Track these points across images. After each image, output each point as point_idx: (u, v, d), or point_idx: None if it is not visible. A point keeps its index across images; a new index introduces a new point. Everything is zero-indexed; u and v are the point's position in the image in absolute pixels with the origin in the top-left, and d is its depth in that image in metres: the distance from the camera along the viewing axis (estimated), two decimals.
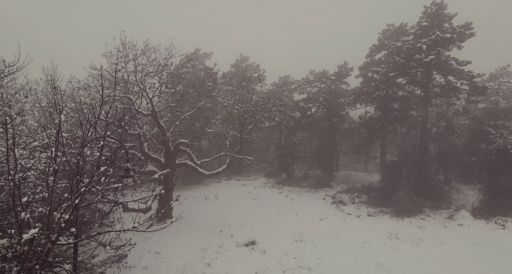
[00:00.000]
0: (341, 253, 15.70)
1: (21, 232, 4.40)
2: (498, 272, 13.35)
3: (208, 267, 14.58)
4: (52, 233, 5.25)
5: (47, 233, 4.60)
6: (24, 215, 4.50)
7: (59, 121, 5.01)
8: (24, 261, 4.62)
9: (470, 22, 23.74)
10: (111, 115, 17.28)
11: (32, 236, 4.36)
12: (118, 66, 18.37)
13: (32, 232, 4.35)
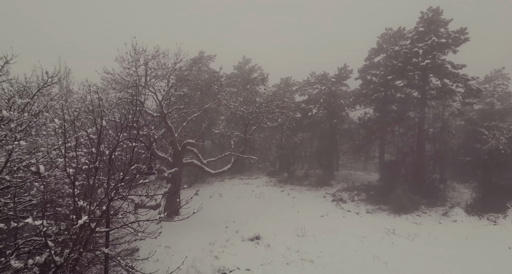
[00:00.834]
0: (341, 247, 16.50)
1: (78, 218, 5.21)
2: (488, 264, 14.13)
3: (216, 259, 15.41)
4: (101, 219, 6.10)
5: (97, 218, 5.41)
6: (81, 203, 5.31)
7: (101, 125, 5.82)
8: (75, 244, 5.43)
9: (465, 27, 24.56)
10: (122, 117, 18.14)
11: (83, 222, 5.17)
12: (130, 70, 19.22)
13: (84, 218, 5.17)
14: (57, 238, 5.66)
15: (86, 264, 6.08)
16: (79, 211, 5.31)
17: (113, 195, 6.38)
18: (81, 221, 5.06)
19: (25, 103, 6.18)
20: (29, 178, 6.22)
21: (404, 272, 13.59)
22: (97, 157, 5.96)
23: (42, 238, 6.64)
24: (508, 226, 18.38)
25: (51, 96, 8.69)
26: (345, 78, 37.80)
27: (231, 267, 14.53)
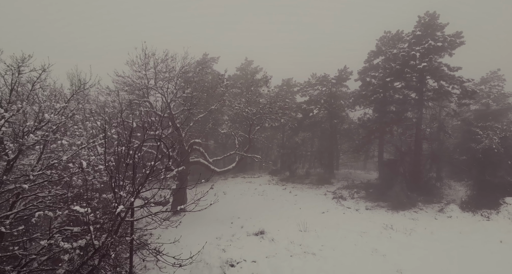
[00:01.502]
0: (341, 241, 17.26)
1: (116, 207, 5.97)
2: (480, 257, 14.87)
3: (223, 252, 16.19)
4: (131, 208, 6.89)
5: (131, 207, 6.19)
6: (121, 193, 6.07)
7: (131, 126, 6.58)
8: (111, 230, 6.20)
9: (460, 31, 25.33)
10: (135, 117, 18.91)
11: (120, 210, 5.94)
12: (140, 73, 20.00)
13: (121, 207, 5.94)
14: (95, 224, 6.44)
15: (117, 248, 6.86)
16: (119, 200, 6.08)
17: (140, 188, 7.16)
18: (119, 209, 5.84)
19: (62, 107, 6.95)
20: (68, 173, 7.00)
21: (401, 264, 14.32)
22: (128, 154, 6.73)
23: (73, 228, 7.46)
24: (500, 222, 19.15)
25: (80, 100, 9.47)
26: (345, 79, 38.56)
27: (238, 259, 15.31)
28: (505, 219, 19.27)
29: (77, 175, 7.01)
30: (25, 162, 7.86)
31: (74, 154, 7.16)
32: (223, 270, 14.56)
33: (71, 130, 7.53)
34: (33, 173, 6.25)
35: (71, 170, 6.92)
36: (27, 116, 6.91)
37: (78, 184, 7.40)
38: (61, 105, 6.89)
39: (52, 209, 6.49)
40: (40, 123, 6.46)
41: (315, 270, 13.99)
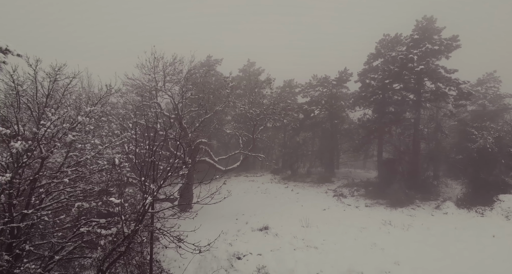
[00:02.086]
0: (342, 236, 18.00)
1: (145, 198, 6.71)
2: (473, 250, 15.60)
3: (230, 246, 16.93)
4: (158, 200, 7.64)
5: (159, 199, 6.94)
6: (152, 186, 6.81)
7: (155, 128, 7.31)
8: (138, 219, 6.95)
9: (456, 34, 26.04)
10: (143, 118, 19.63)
11: (149, 201, 6.70)
12: (150, 76, 20.76)
13: (150, 199, 6.67)
14: (125, 214, 7.20)
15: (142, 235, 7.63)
16: (148, 192, 6.82)
17: (162, 183, 7.92)
18: (148, 200, 6.58)
19: (91, 110, 7.68)
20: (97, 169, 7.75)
21: (399, 256, 15.05)
22: (153, 152, 7.49)
23: (99, 220, 8.22)
24: (494, 218, 19.87)
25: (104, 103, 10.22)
26: (345, 81, 39.26)
27: (244, 252, 16.06)
28: (498, 215, 19.99)
29: (105, 171, 7.75)
30: (52, 160, 8.62)
31: (98, 152, 7.90)
32: (231, 263, 15.31)
33: (98, 131, 8.26)
34: (69, 169, 6.99)
35: (98, 167, 7.66)
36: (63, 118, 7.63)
37: (103, 180, 8.14)
38: (90, 108, 7.62)
39: (87, 201, 7.22)
40: (73, 124, 7.20)
41: (318, 262, 14.74)
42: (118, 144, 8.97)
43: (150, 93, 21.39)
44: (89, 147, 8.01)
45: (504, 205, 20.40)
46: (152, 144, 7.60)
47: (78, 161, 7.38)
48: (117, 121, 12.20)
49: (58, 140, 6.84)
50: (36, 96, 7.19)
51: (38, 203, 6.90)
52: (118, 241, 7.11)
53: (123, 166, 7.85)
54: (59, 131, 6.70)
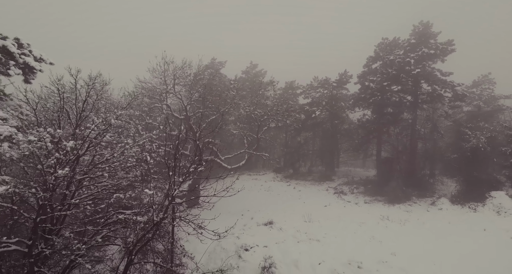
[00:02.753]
0: (342, 230, 18.97)
1: (173, 190, 7.66)
2: (465, 242, 16.55)
3: (237, 239, 17.89)
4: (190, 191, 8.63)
5: (186, 190, 7.86)
6: (177, 178, 7.77)
7: (180, 128, 8.27)
8: (166, 209, 7.91)
9: (451, 39, 26.98)
10: (158, 120, 20.62)
11: (176, 193, 7.66)
12: (161, 79, 21.75)
13: (177, 191, 7.63)
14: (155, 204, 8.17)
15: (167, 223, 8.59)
16: (174, 185, 7.79)
17: (185, 178, 8.90)
18: (176, 192, 7.54)
19: (121, 114, 8.63)
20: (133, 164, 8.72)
21: (395, 248, 16.00)
22: (177, 150, 8.47)
23: (124, 211, 9.20)
24: (486, 213, 20.81)
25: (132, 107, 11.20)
26: (345, 82, 40.19)
27: (251, 244, 17.03)
28: (490, 210, 20.94)
29: (135, 167, 8.71)
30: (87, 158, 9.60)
31: (131, 149, 8.88)
32: (239, 254, 16.28)
33: (126, 131, 9.22)
34: (106, 165, 7.95)
35: (130, 163, 8.62)
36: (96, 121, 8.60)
37: (131, 175, 9.11)
38: (120, 112, 8.58)
39: (122, 193, 8.18)
40: (107, 126, 8.17)
41: (320, 253, 15.71)
42: (141, 144, 9.94)
43: (160, 95, 22.34)
44: (120, 146, 8.97)
45: (495, 201, 21.36)
46: (177, 144, 8.58)
47: (108, 158, 8.33)
48: (134, 122, 13.14)
49: (97, 140, 7.79)
50: (76, 101, 8.15)
51: (78, 194, 7.86)
52: (148, 228, 8.10)
53: (149, 162, 8.80)
54: (100, 133, 7.66)
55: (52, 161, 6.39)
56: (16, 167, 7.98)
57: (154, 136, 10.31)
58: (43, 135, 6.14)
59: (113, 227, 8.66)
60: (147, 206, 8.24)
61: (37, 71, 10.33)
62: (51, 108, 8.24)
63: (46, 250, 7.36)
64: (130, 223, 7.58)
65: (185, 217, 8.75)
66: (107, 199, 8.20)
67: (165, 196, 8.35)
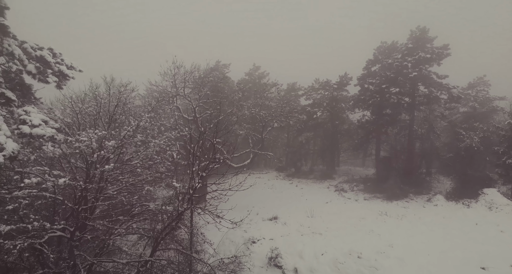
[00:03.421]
0: (343, 225, 19.96)
1: (199, 181, 8.68)
2: (457, 235, 17.53)
3: (245, 232, 18.92)
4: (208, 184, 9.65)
5: (210, 183, 8.93)
6: (203, 174, 8.78)
7: (201, 130, 9.24)
8: (190, 200, 8.92)
9: (447, 44, 27.95)
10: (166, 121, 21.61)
11: (199, 185, 8.68)
12: (171, 83, 22.78)
13: (199, 184, 8.63)
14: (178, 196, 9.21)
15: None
16: (196, 179, 8.82)
17: (203, 172, 9.91)
18: (198, 185, 8.55)
19: (150, 116, 9.64)
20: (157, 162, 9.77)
21: (393, 240, 16.98)
22: (197, 148, 9.49)
23: (149, 204, 10.23)
24: (478, 209, 21.80)
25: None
26: (346, 84, 41.11)
27: (258, 237, 18.08)
28: (482, 206, 21.93)
29: (161, 163, 9.72)
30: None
31: (154, 149, 9.91)
32: (247, 246, 17.32)
33: (151, 132, 10.24)
34: (138, 162, 8.99)
35: (157, 160, 9.65)
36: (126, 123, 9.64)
37: (157, 171, 10.16)
38: (148, 115, 9.58)
39: (152, 185, 9.19)
40: (137, 128, 9.20)
41: (322, 245, 16.71)
42: (163, 142, 10.97)
43: (170, 98, 23.35)
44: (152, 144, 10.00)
45: (487, 198, 22.36)
46: (200, 143, 9.61)
47: (140, 155, 9.37)
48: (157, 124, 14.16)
49: (129, 139, 8.80)
50: (109, 105, 9.17)
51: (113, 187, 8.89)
52: (173, 216, 9.13)
53: (175, 159, 9.82)
54: (133, 134, 8.68)
55: (96, 158, 7.40)
56: (58, 163, 8.99)
57: (172, 136, 11.33)
58: (92, 135, 7.15)
59: (142, 216, 9.68)
60: (173, 197, 9.25)
61: (70, 78, 11.36)
62: (90, 112, 9.23)
63: (87, 235, 8.40)
64: (158, 212, 8.58)
65: (204, 208, 9.75)
66: (139, 192, 9.22)
67: (188, 188, 9.37)
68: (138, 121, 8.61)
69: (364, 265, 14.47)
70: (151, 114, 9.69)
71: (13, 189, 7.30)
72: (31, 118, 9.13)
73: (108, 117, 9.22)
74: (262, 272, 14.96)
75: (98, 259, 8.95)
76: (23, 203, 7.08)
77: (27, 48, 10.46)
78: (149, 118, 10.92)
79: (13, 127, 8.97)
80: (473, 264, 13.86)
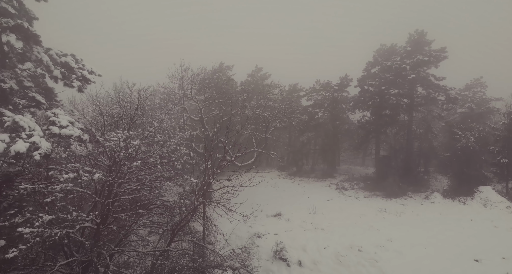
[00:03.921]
0: (344, 221, 20.70)
1: (214, 176, 9.43)
2: (453, 230, 18.25)
3: (250, 228, 19.70)
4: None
5: (223, 179, 9.63)
6: (215, 170, 9.52)
7: (214, 130, 10.04)
8: (204, 194, 9.68)
9: (444, 46, 28.70)
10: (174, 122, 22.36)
11: (213, 181, 9.44)
12: (179, 84, 23.56)
13: (214, 180, 9.38)
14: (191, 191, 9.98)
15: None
16: (211, 174, 9.58)
17: (216, 170, 10.67)
18: (213, 180, 9.31)
19: (167, 118, 10.39)
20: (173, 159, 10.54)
21: (392, 235, 17.71)
22: (211, 147, 10.25)
23: (165, 199, 10.99)
24: (474, 205, 22.53)
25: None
26: (346, 86, 41.79)
27: (263, 232, 18.87)
28: (478, 203, 22.66)
29: (177, 160, 10.47)
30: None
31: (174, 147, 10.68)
32: (253, 240, 18.07)
33: (167, 132, 11.00)
34: (159, 159, 9.75)
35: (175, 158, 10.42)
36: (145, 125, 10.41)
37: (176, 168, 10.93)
38: (163, 117, 10.34)
39: (171, 181, 9.95)
40: (158, 129, 9.95)
41: (325, 240, 17.48)
42: (177, 142, 11.73)
43: (177, 99, 24.13)
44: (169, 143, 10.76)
45: (482, 195, 23.10)
46: (212, 143, 10.37)
47: (159, 153, 10.13)
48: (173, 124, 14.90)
49: (149, 139, 9.56)
50: (130, 108, 9.92)
51: (135, 182, 9.66)
52: (190, 209, 9.90)
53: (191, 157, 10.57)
54: (153, 134, 9.45)
55: (122, 155, 8.17)
56: (84, 161, 9.76)
57: (185, 136, 12.10)
58: (120, 135, 7.89)
59: (159, 210, 10.45)
60: (189, 192, 10.01)
61: (91, 82, 12.13)
62: (114, 114, 9.98)
63: (113, 226, 9.17)
64: (176, 206, 9.35)
65: (219, 202, 10.53)
66: (158, 187, 9.98)
67: (202, 184, 10.13)
68: (160, 123, 9.37)
69: (364, 257, 15.23)
70: (167, 116, 10.42)
71: (49, 184, 8.07)
72: (59, 119, 9.92)
73: (129, 119, 9.97)
74: (268, 265, 15.70)
75: (122, 249, 9.72)
76: (59, 196, 7.84)
77: (53, 55, 11.24)
78: (167, 119, 11.70)
79: (43, 128, 9.76)
80: (467, 257, 14.59)
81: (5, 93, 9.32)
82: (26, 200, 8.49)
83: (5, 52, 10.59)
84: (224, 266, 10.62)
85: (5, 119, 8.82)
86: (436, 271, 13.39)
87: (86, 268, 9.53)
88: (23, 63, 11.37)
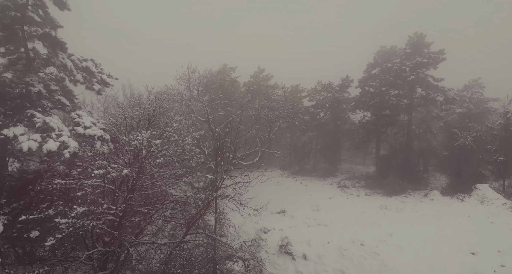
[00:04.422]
0: (346, 217, 21.35)
1: (219, 175, 10.13)
2: (451, 226, 18.88)
3: (256, 224, 20.38)
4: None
5: (234, 175, 10.35)
6: (225, 168, 10.19)
7: (222, 131, 10.72)
8: (216, 190, 10.35)
9: (443, 49, 29.34)
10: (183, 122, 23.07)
11: (226, 177, 10.10)
12: (185, 86, 24.24)
13: (226, 177, 10.04)
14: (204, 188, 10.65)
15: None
16: (222, 172, 10.27)
17: (227, 168, 11.35)
18: (225, 177, 9.98)
19: (180, 119, 11.07)
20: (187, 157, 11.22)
21: (392, 230, 18.35)
22: (222, 146, 10.93)
23: (184, 194, 11.67)
24: (471, 202, 23.19)
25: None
26: (347, 86, 42.40)
27: (269, 228, 19.55)
28: (475, 200, 23.31)
29: (192, 159, 11.17)
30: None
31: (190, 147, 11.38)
32: (259, 235, 18.74)
33: (181, 132, 11.69)
34: (176, 157, 10.44)
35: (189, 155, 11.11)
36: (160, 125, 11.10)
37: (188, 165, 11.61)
38: (179, 118, 11.01)
39: (188, 177, 10.63)
40: (176, 129, 10.64)
41: (328, 235, 18.15)
42: (190, 141, 12.42)
43: (186, 100, 24.79)
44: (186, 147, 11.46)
45: (480, 193, 23.74)
46: (222, 142, 11.04)
47: (176, 151, 10.81)
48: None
49: (167, 139, 10.25)
50: (149, 110, 10.61)
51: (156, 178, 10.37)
52: (205, 203, 10.57)
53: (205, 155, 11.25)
54: (171, 134, 10.13)
55: (145, 153, 8.86)
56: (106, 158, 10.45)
57: (197, 136, 12.78)
58: (144, 135, 8.56)
59: (175, 205, 11.14)
60: (204, 187, 10.69)
61: (109, 85, 12.82)
62: (134, 115, 10.66)
63: (135, 218, 9.85)
64: (192, 200, 10.04)
65: (232, 197, 11.22)
66: (176, 183, 10.68)
67: (215, 181, 10.81)
68: (178, 123, 10.05)
69: (366, 251, 15.90)
70: (181, 117, 11.10)
71: (78, 180, 8.75)
72: (83, 120, 10.62)
73: (148, 119, 10.66)
74: (274, 258, 16.39)
75: (141, 240, 10.41)
76: (88, 191, 8.53)
77: (75, 60, 11.93)
78: (183, 120, 12.39)
79: (69, 128, 10.47)
80: (464, 250, 15.25)
81: (35, 96, 10.01)
82: (56, 194, 9.17)
83: (31, 58, 11.28)
84: (235, 257, 11.30)
85: (36, 121, 9.52)
86: (434, 263, 14.04)
87: (106, 259, 10.24)
88: (45, 68, 12.08)
